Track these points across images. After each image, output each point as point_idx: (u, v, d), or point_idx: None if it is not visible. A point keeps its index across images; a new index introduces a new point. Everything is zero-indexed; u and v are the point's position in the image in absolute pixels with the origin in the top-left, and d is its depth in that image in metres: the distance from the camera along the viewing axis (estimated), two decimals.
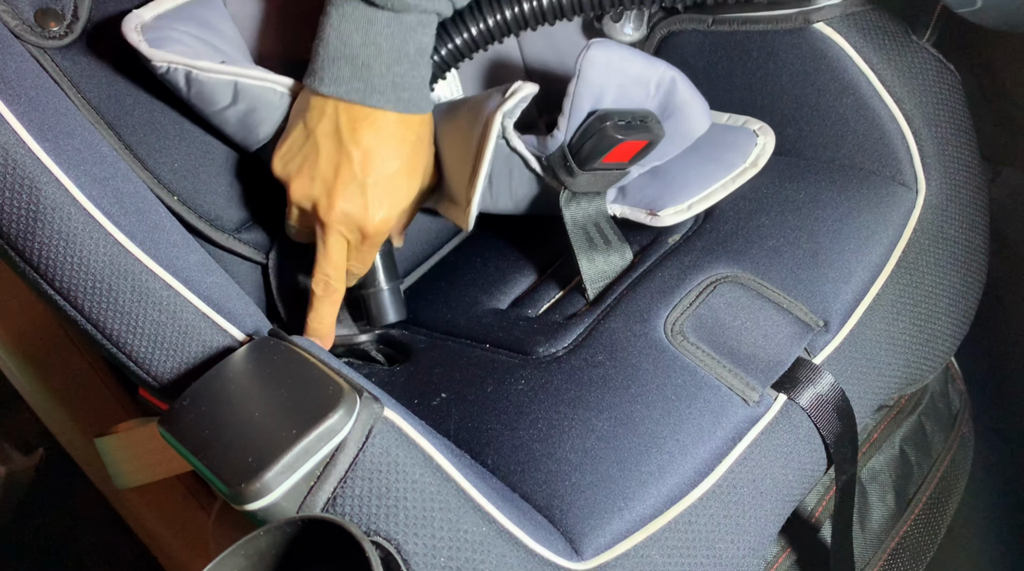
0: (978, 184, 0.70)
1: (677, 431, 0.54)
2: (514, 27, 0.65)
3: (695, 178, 0.68)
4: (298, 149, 0.60)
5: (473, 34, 0.64)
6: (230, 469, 0.43)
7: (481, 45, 0.65)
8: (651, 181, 0.69)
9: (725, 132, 0.71)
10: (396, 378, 0.65)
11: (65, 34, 0.59)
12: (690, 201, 0.66)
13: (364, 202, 0.59)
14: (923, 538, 0.73)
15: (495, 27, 0.64)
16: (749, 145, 0.69)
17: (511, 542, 0.47)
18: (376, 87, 0.56)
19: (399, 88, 0.56)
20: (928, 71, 0.68)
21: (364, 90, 0.56)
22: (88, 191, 0.49)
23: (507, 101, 0.59)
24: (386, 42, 0.55)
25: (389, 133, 0.58)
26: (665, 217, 0.66)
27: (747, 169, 0.68)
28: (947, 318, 0.67)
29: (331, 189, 0.59)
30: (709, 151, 0.69)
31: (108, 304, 0.49)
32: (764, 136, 0.70)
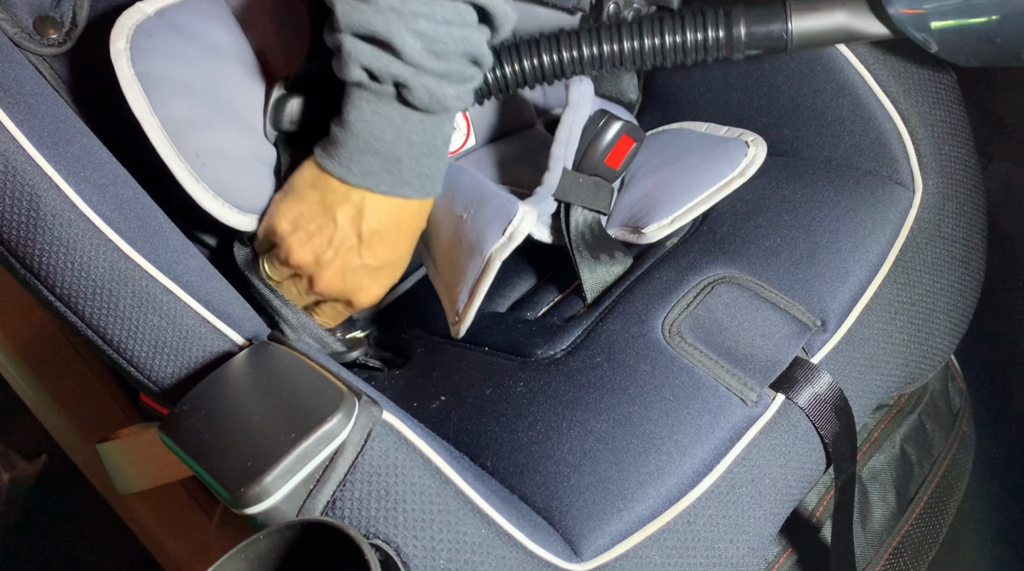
0: (975, 182, 0.70)
1: (675, 432, 0.54)
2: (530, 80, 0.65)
3: (681, 190, 0.68)
4: (311, 220, 0.59)
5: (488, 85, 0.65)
6: (229, 473, 0.43)
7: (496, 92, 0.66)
8: (639, 194, 0.70)
9: (718, 143, 0.72)
10: (395, 382, 0.65)
11: (64, 41, 0.60)
12: (673, 215, 0.66)
13: (366, 284, 0.61)
14: (924, 537, 0.73)
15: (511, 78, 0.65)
16: (739, 155, 0.69)
17: (510, 544, 0.47)
18: (405, 180, 0.56)
19: (424, 178, 0.57)
20: (923, 70, 0.68)
21: (394, 182, 0.56)
22: (88, 197, 0.49)
23: (509, 244, 0.59)
24: (418, 138, 0.55)
25: (408, 223, 0.59)
26: (649, 233, 0.66)
27: (734, 178, 0.68)
28: (945, 316, 0.67)
29: (336, 267, 0.59)
30: (698, 161, 0.70)
31: (109, 310, 0.49)
32: (755, 147, 0.70)
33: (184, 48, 0.61)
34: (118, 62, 0.58)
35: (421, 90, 0.52)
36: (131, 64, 0.58)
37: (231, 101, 0.62)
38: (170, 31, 0.60)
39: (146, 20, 0.60)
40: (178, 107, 0.59)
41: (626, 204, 0.70)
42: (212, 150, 0.60)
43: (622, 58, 0.63)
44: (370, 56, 0.51)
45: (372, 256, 0.59)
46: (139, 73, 0.58)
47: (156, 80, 0.58)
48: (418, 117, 0.54)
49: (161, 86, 0.59)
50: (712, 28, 0.61)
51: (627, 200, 0.70)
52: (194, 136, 0.59)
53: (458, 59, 0.52)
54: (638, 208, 0.69)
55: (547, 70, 0.64)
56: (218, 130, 0.61)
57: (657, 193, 0.69)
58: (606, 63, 0.63)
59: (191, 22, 0.61)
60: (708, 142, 0.72)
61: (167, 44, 0.60)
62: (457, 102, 0.54)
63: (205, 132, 0.60)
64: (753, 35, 0.61)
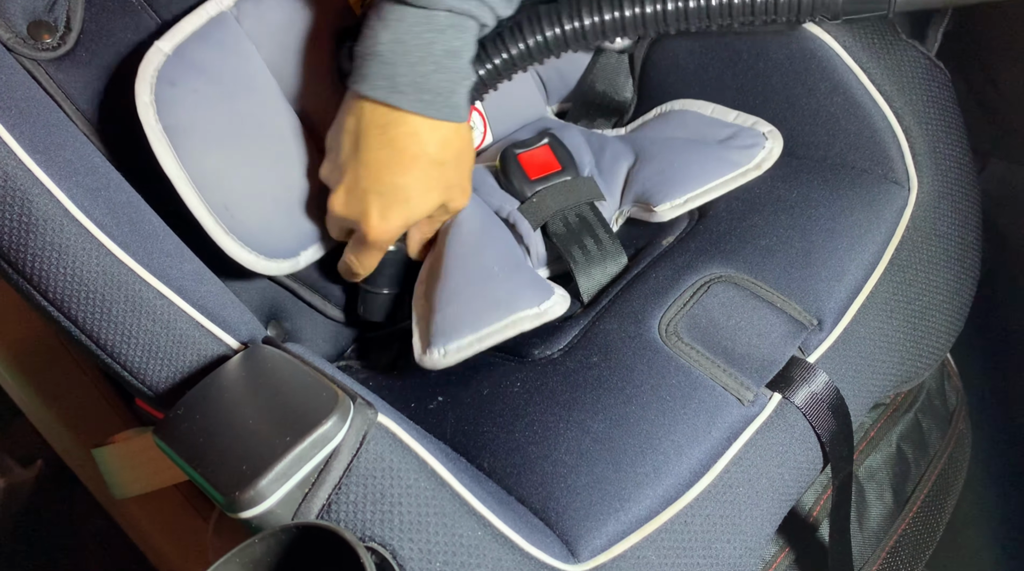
0: (970, 180, 0.70)
1: (672, 431, 0.54)
2: (556, 49, 0.63)
3: (696, 172, 0.68)
4: (332, 139, 0.61)
5: (513, 54, 0.63)
6: (224, 477, 0.43)
7: (520, 66, 0.64)
8: (652, 171, 0.69)
9: (734, 131, 0.71)
10: (393, 382, 0.65)
11: (58, 46, 0.60)
12: (687, 196, 0.66)
13: (364, 209, 0.59)
14: (922, 536, 0.73)
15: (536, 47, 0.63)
16: (756, 147, 0.69)
17: (507, 545, 0.47)
18: (398, 86, 0.55)
19: (421, 89, 0.55)
20: (917, 69, 0.68)
21: (387, 88, 0.55)
22: (80, 202, 0.49)
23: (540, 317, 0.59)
24: (412, 40, 0.54)
25: (403, 144, 0.57)
26: (661, 212, 0.66)
27: (750, 170, 0.68)
28: (941, 315, 0.67)
29: (343, 187, 0.60)
30: (715, 148, 0.69)
31: (102, 314, 0.49)
32: (772, 140, 0.70)
33: (207, 93, 0.61)
34: (145, 116, 0.59)
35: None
36: (158, 119, 0.59)
37: (256, 137, 0.63)
38: (191, 74, 0.61)
39: (166, 64, 0.60)
40: (205, 159, 0.61)
41: (639, 179, 0.70)
42: (240, 200, 0.62)
43: (709, 11, 0.60)
44: None
45: (367, 176, 0.58)
46: (166, 127, 0.59)
47: (183, 133, 0.60)
48: (413, 17, 0.53)
49: (188, 139, 0.60)
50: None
51: (641, 175, 0.70)
52: (223, 187, 0.62)
53: None
54: (650, 185, 0.68)
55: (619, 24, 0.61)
56: (245, 174, 0.63)
57: (671, 172, 0.68)
58: (692, 17, 0.60)
59: (210, 59, 0.62)
60: (724, 128, 0.72)
61: (190, 92, 0.60)
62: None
63: (233, 180, 0.62)
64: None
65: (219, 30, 0.63)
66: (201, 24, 0.62)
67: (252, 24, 0.64)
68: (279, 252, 0.66)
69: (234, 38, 0.63)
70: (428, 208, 0.60)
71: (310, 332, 0.73)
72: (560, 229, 0.66)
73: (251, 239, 0.63)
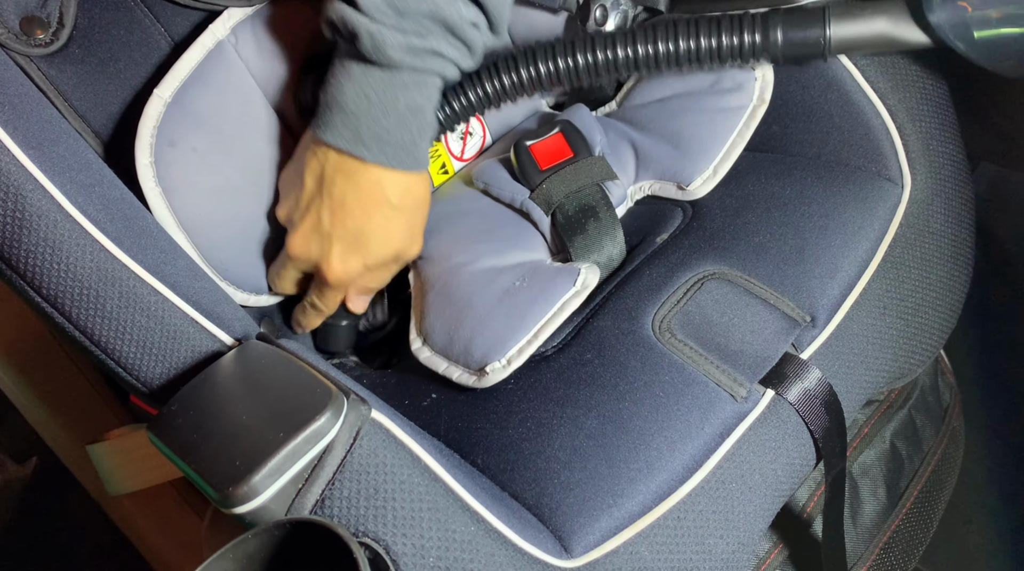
0: (964, 178, 0.70)
1: (665, 428, 0.54)
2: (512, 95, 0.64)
3: (710, 137, 0.67)
4: (292, 178, 0.62)
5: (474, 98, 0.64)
6: (218, 473, 0.43)
7: (478, 110, 0.65)
8: (668, 150, 0.69)
9: (719, 74, 0.70)
10: (387, 380, 0.65)
11: (51, 41, 0.60)
12: (713, 164, 0.67)
13: (325, 251, 0.61)
14: (915, 532, 0.73)
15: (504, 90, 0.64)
16: (748, 82, 0.68)
17: (500, 541, 0.47)
18: (362, 138, 0.56)
19: (384, 143, 0.56)
20: (912, 66, 0.68)
21: (351, 139, 0.56)
22: (74, 198, 0.49)
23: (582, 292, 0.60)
24: (376, 96, 0.55)
25: (367, 191, 0.58)
26: (695, 189, 0.67)
27: (757, 108, 0.67)
28: (934, 312, 0.67)
29: (303, 229, 0.61)
30: (712, 101, 0.69)
31: (96, 310, 0.49)
32: (760, 67, 0.68)
33: (205, 151, 0.62)
34: (144, 179, 0.61)
35: (365, 37, 0.53)
36: (157, 181, 0.61)
37: (249, 185, 0.65)
38: (190, 129, 0.62)
39: (166, 116, 0.61)
40: (201, 219, 0.63)
41: (653, 155, 0.70)
42: (226, 246, 0.65)
43: (656, 60, 0.62)
44: (334, 10, 0.53)
45: (331, 221, 0.59)
46: (165, 188, 0.61)
47: (180, 195, 0.62)
48: (378, 75, 0.55)
49: (185, 202, 0.62)
50: (748, 32, 0.60)
51: (654, 151, 0.70)
52: (211, 235, 0.64)
53: (420, 18, 0.53)
54: (669, 162, 0.69)
55: (573, 72, 0.63)
56: (234, 223, 0.65)
57: (685, 145, 0.68)
58: (640, 64, 0.62)
59: (209, 106, 0.62)
60: (707, 75, 0.71)
61: (189, 151, 0.62)
62: (404, 55, 0.54)
63: (221, 229, 0.64)
64: (790, 40, 0.60)
65: (218, 68, 0.63)
66: (199, 61, 0.62)
67: (250, 51, 0.64)
68: (262, 288, 0.69)
69: (233, 76, 0.64)
70: (386, 254, 0.62)
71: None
72: (561, 218, 0.66)
73: (243, 282, 0.67)
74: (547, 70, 0.63)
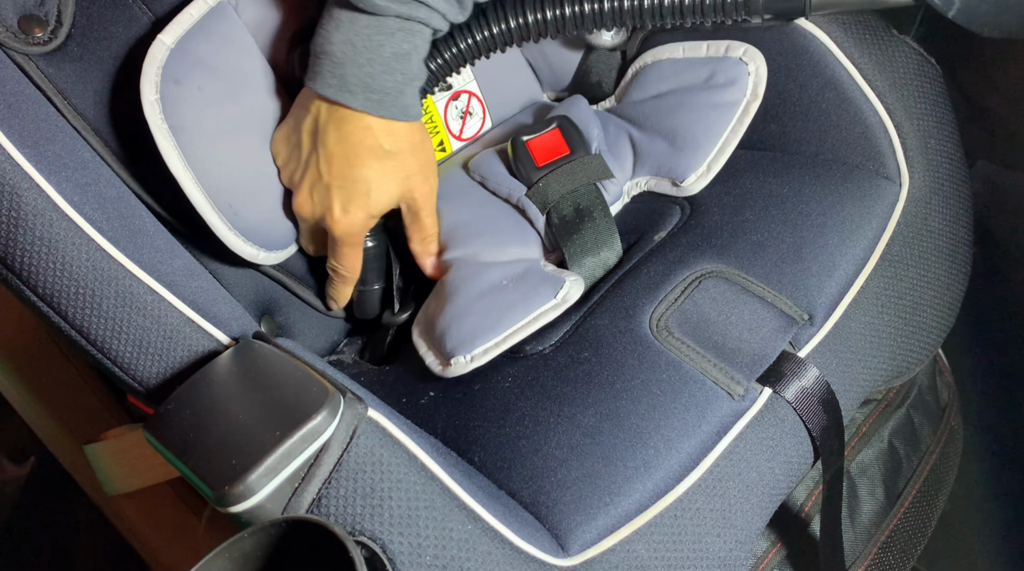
0: (961, 176, 0.70)
1: (662, 426, 0.54)
2: (516, 38, 0.65)
3: (703, 134, 0.68)
4: (285, 137, 0.63)
5: (464, 47, 0.64)
6: (214, 472, 0.43)
7: (476, 55, 0.65)
8: (663, 146, 0.70)
9: (713, 69, 0.70)
10: (385, 377, 0.65)
11: (49, 40, 0.59)
12: (707, 160, 0.67)
13: (327, 204, 0.61)
14: (913, 531, 0.73)
15: (492, 38, 0.64)
16: (742, 76, 0.68)
17: (497, 540, 0.47)
18: (348, 85, 0.57)
19: (369, 89, 0.57)
20: (909, 65, 0.68)
21: (337, 87, 0.57)
22: (70, 197, 0.49)
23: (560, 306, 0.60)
24: (361, 42, 0.56)
25: (358, 138, 0.59)
26: (689, 186, 0.68)
27: (750, 103, 0.68)
28: (932, 310, 0.67)
29: (305, 185, 0.62)
30: (705, 97, 0.69)
31: (92, 310, 0.49)
32: (754, 62, 0.69)
33: (211, 90, 0.62)
34: (151, 115, 0.60)
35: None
36: (163, 118, 0.60)
37: (257, 132, 0.64)
38: (195, 70, 0.61)
39: (169, 59, 0.60)
40: (210, 158, 0.62)
41: (649, 151, 0.70)
42: (242, 196, 0.64)
43: (642, 11, 0.63)
44: None
45: (328, 172, 0.60)
46: (172, 126, 0.60)
47: (188, 132, 0.61)
48: (364, 21, 0.55)
49: (193, 138, 0.61)
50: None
51: (650, 147, 0.70)
52: (226, 184, 0.63)
53: None
54: (664, 158, 0.69)
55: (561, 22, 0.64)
56: (247, 170, 0.64)
57: (680, 142, 0.69)
58: (627, 16, 0.63)
59: (212, 54, 0.62)
60: (701, 67, 0.71)
61: (195, 90, 0.61)
62: (392, 4, 0.54)
63: (236, 177, 0.63)
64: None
65: (219, 22, 0.63)
66: (201, 15, 0.62)
67: (251, 16, 0.64)
68: (277, 243, 0.68)
69: (234, 31, 0.63)
70: (388, 199, 0.62)
71: (302, 326, 0.74)
72: (556, 220, 0.66)
73: (252, 233, 0.65)
74: (534, 19, 0.64)
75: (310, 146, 0.61)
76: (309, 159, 0.61)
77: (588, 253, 0.65)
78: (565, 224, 0.66)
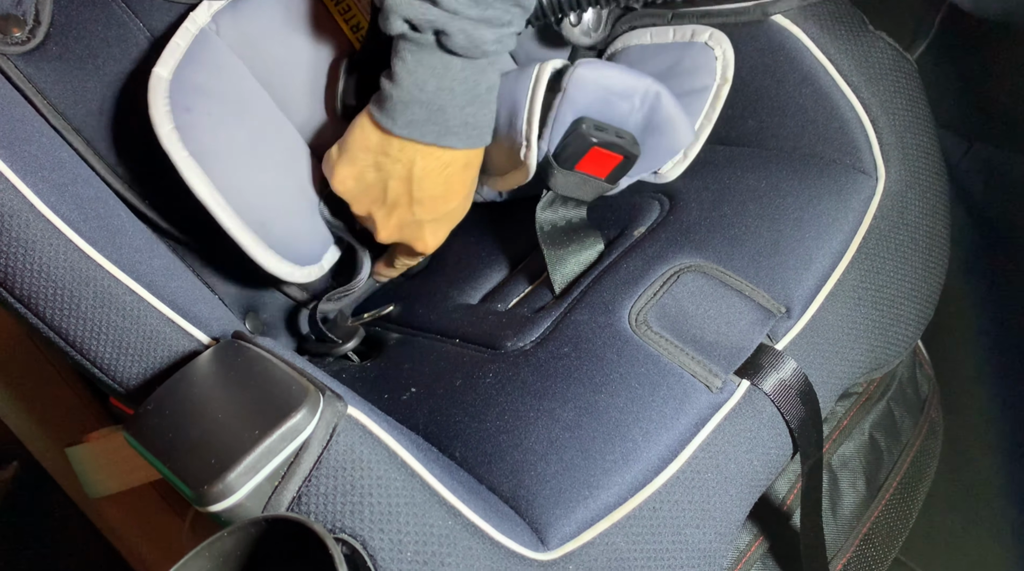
0: (938, 170, 0.71)
1: (641, 419, 0.54)
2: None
3: None
4: (365, 182, 0.62)
5: None
6: (193, 472, 0.43)
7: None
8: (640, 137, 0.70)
9: (679, 56, 0.71)
10: (367, 374, 0.65)
11: (27, 39, 0.59)
12: (683, 147, 0.67)
13: (421, 234, 0.64)
14: (895, 522, 0.74)
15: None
16: (709, 61, 0.69)
17: (477, 535, 0.47)
18: (451, 129, 0.57)
19: (470, 127, 0.58)
20: (884, 60, 0.68)
21: (438, 132, 0.57)
22: (47, 197, 0.49)
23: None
24: (460, 86, 0.55)
25: (457, 176, 0.61)
26: (667, 173, 0.68)
27: (721, 87, 0.68)
28: (910, 303, 0.67)
29: (392, 224, 0.63)
30: (675, 84, 0.69)
31: (70, 311, 0.49)
32: (719, 46, 0.69)
33: (220, 114, 0.62)
34: (171, 146, 0.59)
35: (459, 35, 0.53)
36: (183, 145, 0.59)
37: (271, 150, 0.65)
38: (199, 97, 0.61)
39: (172, 88, 0.60)
40: (236, 179, 0.62)
41: None
42: (273, 214, 0.64)
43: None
44: (408, 6, 0.52)
45: (424, 211, 0.62)
46: (193, 153, 0.60)
47: (211, 157, 0.60)
48: (459, 64, 0.55)
49: (217, 162, 0.61)
50: None
51: None
52: (257, 204, 0.63)
53: (498, 3, 0.53)
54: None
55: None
56: (273, 187, 0.65)
57: None
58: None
59: (207, 80, 0.62)
60: (669, 52, 0.71)
61: (205, 115, 0.61)
62: (497, 46, 0.54)
63: (264, 196, 0.64)
64: None
65: (205, 49, 0.63)
66: (188, 44, 0.62)
67: (234, 38, 0.64)
68: (308, 259, 0.68)
69: (221, 56, 0.64)
70: (463, 215, 0.66)
71: (287, 323, 0.74)
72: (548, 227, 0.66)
73: (286, 250, 0.65)
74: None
75: (402, 192, 0.61)
76: (398, 202, 0.62)
77: (570, 254, 0.66)
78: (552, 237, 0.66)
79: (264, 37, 0.65)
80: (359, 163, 0.61)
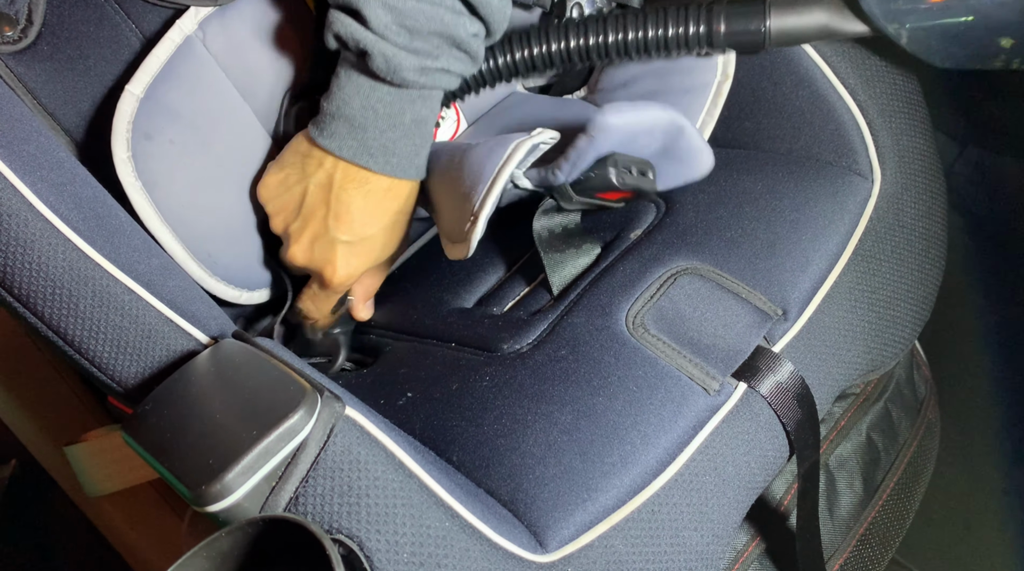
0: (934, 172, 0.71)
1: (639, 422, 0.54)
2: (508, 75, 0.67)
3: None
4: (288, 186, 0.62)
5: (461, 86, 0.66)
6: (191, 472, 0.43)
7: (473, 90, 0.68)
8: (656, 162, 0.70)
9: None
10: (363, 380, 0.65)
11: (19, 39, 0.59)
12: (702, 176, 0.66)
13: (331, 257, 0.61)
14: (891, 523, 0.74)
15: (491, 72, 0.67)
16: (710, 57, 0.69)
17: (475, 536, 0.47)
18: (369, 149, 0.57)
19: (389, 153, 0.57)
20: (881, 62, 0.68)
21: (357, 149, 0.57)
22: (45, 197, 0.49)
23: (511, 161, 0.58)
24: (383, 109, 0.56)
25: (375, 198, 0.59)
26: None
27: (721, 83, 0.68)
28: (906, 305, 0.68)
29: (305, 236, 0.61)
30: (677, 81, 0.69)
31: (69, 310, 0.49)
32: None
33: (182, 142, 0.62)
34: (124, 173, 0.60)
35: (379, 57, 0.53)
36: (136, 176, 0.61)
37: (231, 177, 0.65)
38: (165, 122, 0.62)
39: (140, 111, 0.60)
40: (185, 211, 0.63)
41: None
42: (220, 244, 0.65)
43: (607, 49, 0.65)
44: (341, 24, 0.53)
45: (338, 228, 0.60)
46: (146, 183, 0.61)
47: (161, 188, 0.62)
48: (385, 89, 0.55)
49: (167, 193, 0.62)
50: (693, 24, 0.62)
51: None
52: (203, 234, 0.64)
53: (430, 37, 0.53)
54: None
55: (533, 62, 0.66)
56: (222, 217, 0.65)
57: None
58: (592, 53, 0.65)
59: (180, 100, 0.62)
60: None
61: (166, 143, 0.62)
62: (421, 77, 0.55)
63: (211, 225, 0.65)
64: (732, 31, 0.62)
65: (187, 62, 0.63)
66: (168, 56, 0.62)
67: (219, 46, 0.64)
68: (258, 283, 0.69)
69: (203, 69, 0.64)
70: (388, 253, 0.63)
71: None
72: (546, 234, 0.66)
73: (233, 277, 0.66)
74: (521, 56, 0.66)
75: (317, 200, 0.60)
76: (314, 213, 0.60)
77: (567, 257, 0.66)
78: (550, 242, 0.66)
79: (250, 44, 0.65)
80: (286, 168, 0.61)
